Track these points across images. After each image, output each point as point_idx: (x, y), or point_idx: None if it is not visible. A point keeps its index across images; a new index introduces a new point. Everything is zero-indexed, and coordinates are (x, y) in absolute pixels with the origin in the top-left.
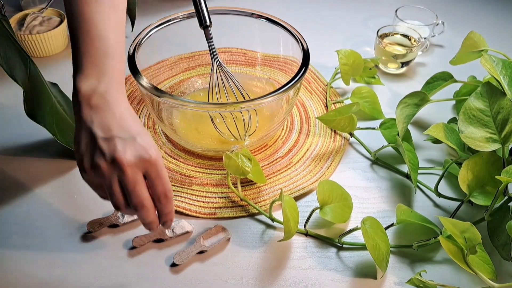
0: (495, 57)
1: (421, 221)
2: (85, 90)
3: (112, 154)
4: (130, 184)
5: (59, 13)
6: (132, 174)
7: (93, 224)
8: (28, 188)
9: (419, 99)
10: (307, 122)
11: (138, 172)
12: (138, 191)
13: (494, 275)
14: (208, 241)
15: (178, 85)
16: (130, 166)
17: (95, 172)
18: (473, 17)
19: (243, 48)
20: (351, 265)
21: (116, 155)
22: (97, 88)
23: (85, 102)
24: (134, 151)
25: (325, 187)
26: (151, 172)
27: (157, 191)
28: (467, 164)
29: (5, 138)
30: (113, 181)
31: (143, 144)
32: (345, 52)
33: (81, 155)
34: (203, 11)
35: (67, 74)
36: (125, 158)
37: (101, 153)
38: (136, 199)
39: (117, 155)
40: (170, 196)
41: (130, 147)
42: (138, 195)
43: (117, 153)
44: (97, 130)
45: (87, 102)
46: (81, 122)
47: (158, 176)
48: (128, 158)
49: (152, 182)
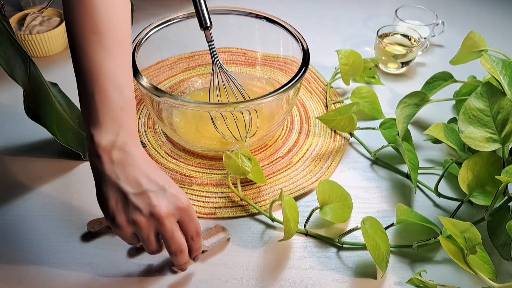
0: (495, 57)
1: (421, 221)
2: (105, 144)
3: (149, 209)
4: (168, 233)
5: (59, 13)
6: (169, 224)
7: (93, 224)
8: (28, 188)
9: (419, 99)
10: (307, 122)
11: (174, 220)
12: (176, 238)
13: (494, 275)
14: (208, 241)
15: (178, 85)
16: (168, 217)
17: (133, 227)
18: (473, 17)
19: (243, 48)
20: (351, 265)
21: (153, 210)
22: (116, 142)
23: (106, 157)
24: (168, 202)
25: (325, 187)
26: (184, 217)
27: (190, 232)
28: (467, 164)
29: (5, 138)
30: (151, 233)
31: (174, 193)
32: (345, 52)
33: (113, 212)
34: (204, 12)
35: (67, 74)
36: (162, 210)
37: (137, 208)
38: (174, 246)
39: (154, 209)
40: (200, 232)
41: (163, 199)
42: (176, 241)
43: (154, 208)
44: (126, 186)
45: (108, 157)
46: (104, 177)
47: (190, 219)
48: (165, 210)
49: (185, 225)
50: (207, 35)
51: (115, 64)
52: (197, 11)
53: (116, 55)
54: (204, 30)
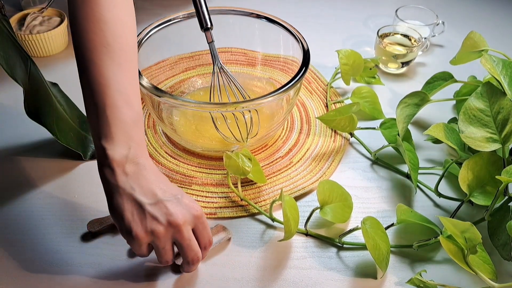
0: (495, 57)
1: (421, 221)
2: (118, 158)
3: (166, 217)
4: (186, 241)
5: (59, 13)
6: (186, 232)
7: (93, 224)
8: (28, 188)
9: (419, 99)
10: (307, 122)
11: (190, 228)
12: (192, 246)
13: (494, 275)
14: None
15: (178, 85)
16: (185, 225)
17: (151, 237)
18: (473, 17)
19: (243, 48)
20: (351, 265)
21: (170, 218)
22: (128, 155)
23: (120, 170)
24: (184, 210)
25: (325, 187)
26: (199, 225)
27: (204, 241)
28: (467, 164)
29: (5, 138)
30: (168, 242)
31: (187, 202)
32: (345, 52)
33: (129, 224)
34: (204, 13)
35: (67, 74)
36: (180, 218)
37: (154, 218)
38: (192, 254)
39: (171, 218)
40: (212, 242)
41: (178, 208)
42: (192, 249)
43: (171, 216)
44: (142, 197)
45: (123, 170)
46: (118, 189)
47: (204, 227)
48: (182, 218)
49: (200, 233)
50: (208, 36)
51: (125, 77)
52: (198, 12)
53: (125, 68)
54: (204, 31)
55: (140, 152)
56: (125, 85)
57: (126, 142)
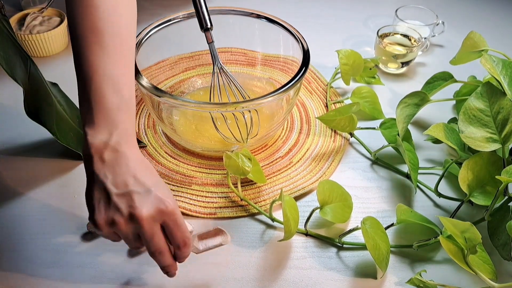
0: (495, 57)
1: (421, 221)
2: (97, 144)
3: (129, 210)
4: (148, 236)
5: (59, 13)
6: (149, 227)
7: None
8: (28, 188)
9: (419, 99)
10: (307, 122)
11: (156, 224)
12: (155, 242)
13: (494, 275)
14: (202, 243)
15: (178, 85)
16: (147, 220)
17: (111, 227)
18: (473, 17)
19: (243, 48)
20: (351, 265)
21: (133, 211)
22: (109, 142)
23: (97, 156)
24: (150, 204)
25: (325, 187)
26: (168, 222)
27: (176, 240)
28: (467, 164)
29: (5, 138)
30: (130, 234)
31: (159, 195)
32: (345, 52)
33: (94, 211)
34: (204, 13)
35: (67, 74)
36: (142, 213)
37: (117, 209)
38: (153, 248)
39: (134, 211)
40: (189, 243)
41: (146, 201)
42: (154, 245)
43: (134, 210)
44: (111, 186)
45: (100, 157)
46: (93, 176)
47: (175, 225)
48: (145, 213)
49: (170, 231)
50: (208, 36)
51: (114, 63)
52: (198, 13)
53: (115, 54)
54: (204, 32)
55: (124, 140)
56: (114, 71)
57: (107, 129)
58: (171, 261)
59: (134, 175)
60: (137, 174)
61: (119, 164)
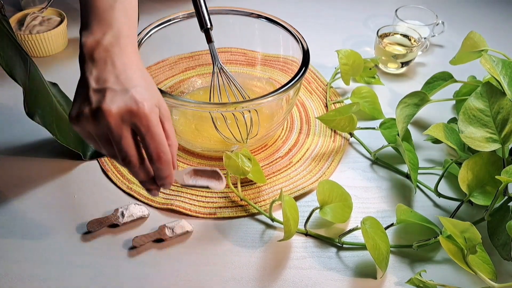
0: (495, 57)
1: (421, 221)
2: (90, 44)
3: (98, 104)
4: (115, 137)
5: (59, 13)
6: (116, 127)
7: (93, 224)
8: (28, 188)
9: (419, 99)
10: (307, 122)
11: (125, 126)
12: (122, 146)
13: (494, 275)
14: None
15: (178, 85)
16: (114, 117)
17: (78, 121)
18: (473, 17)
19: (243, 48)
20: (351, 265)
21: (101, 106)
22: (101, 41)
23: (88, 56)
24: (122, 103)
25: (325, 187)
26: (140, 127)
27: (149, 151)
28: (467, 164)
29: (5, 138)
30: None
31: (136, 96)
32: (345, 52)
33: (72, 105)
34: (204, 13)
35: (67, 74)
36: (110, 109)
37: (88, 103)
38: (120, 155)
39: (102, 105)
40: (165, 158)
41: (118, 99)
42: (122, 149)
43: (102, 104)
44: (92, 82)
45: (90, 56)
46: (82, 75)
47: (148, 132)
48: (113, 110)
49: (142, 139)
50: (208, 36)
51: None
52: (197, 13)
53: None
54: (204, 32)
55: (118, 40)
56: None
57: (101, 29)
58: (143, 177)
59: (118, 75)
60: (122, 74)
61: (106, 62)
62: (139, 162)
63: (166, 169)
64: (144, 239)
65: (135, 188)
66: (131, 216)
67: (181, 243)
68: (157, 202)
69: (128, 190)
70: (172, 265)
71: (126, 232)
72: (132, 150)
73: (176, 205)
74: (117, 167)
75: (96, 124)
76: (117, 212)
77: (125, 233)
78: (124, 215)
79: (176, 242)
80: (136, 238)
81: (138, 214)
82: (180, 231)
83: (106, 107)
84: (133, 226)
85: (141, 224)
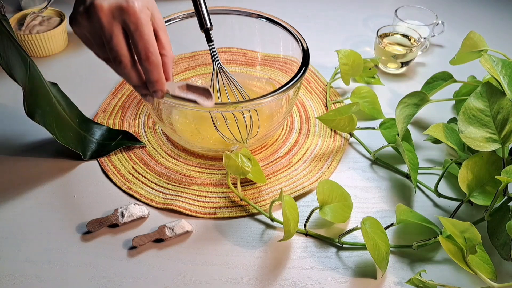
0: (495, 57)
1: (421, 221)
2: None
3: (91, 1)
4: (106, 35)
5: (59, 13)
6: (107, 24)
7: (93, 224)
8: (28, 188)
9: (419, 99)
10: (307, 122)
11: (115, 23)
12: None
13: (494, 275)
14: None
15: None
16: (105, 13)
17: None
18: (473, 17)
19: (243, 48)
20: (351, 265)
21: (93, 1)
22: None
23: None
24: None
25: (325, 187)
26: (129, 24)
27: (137, 49)
28: (467, 164)
29: (5, 138)
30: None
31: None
32: (345, 52)
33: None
34: (204, 13)
35: (67, 74)
36: (101, 4)
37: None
38: (111, 54)
39: (94, 1)
40: (153, 59)
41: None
42: (112, 49)
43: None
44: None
45: None
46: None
47: (136, 30)
48: (104, 5)
49: (131, 36)
50: (208, 36)
51: None
52: (197, 12)
53: None
54: (204, 32)
55: None
56: None
57: None
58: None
59: None
60: None
61: None
62: (131, 63)
63: (155, 72)
64: (144, 239)
65: (135, 188)
66: (131, 216)
67: (181, 243)
68: (157, 202)
69: (128, 190)
70: (172, 265)
71: (126, 232)
72: (123, 49)
73: (176, 205)
74: (117, 167)
75: (90, 21)
76: (117, 212)
77: (125, 233)
78: (124, 215)
79: (176, 242)
80: (136, 238)
81: (138, 214)
82: (180, 231)
83: (98, 3)
84: (133, 226)
85: (141, 224)
